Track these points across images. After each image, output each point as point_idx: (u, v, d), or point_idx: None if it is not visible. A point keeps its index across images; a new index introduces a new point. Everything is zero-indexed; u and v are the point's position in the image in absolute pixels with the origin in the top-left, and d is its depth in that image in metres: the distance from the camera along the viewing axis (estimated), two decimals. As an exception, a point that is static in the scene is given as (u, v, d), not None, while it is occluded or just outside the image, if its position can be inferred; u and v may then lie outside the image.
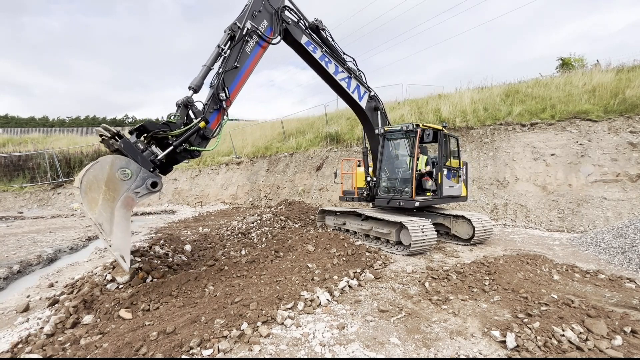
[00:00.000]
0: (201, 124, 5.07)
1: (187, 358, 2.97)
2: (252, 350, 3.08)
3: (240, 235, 8.51)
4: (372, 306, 4.06)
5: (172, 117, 5.06)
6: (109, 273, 4.92)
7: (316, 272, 5.10)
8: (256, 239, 7.99)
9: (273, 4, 6.11)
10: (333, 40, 7.18)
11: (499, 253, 6.48)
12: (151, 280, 5.03)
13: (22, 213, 17.50)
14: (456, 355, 3.00)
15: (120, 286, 4.68)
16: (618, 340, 2.99)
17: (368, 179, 7.83)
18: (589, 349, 2.92)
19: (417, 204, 6.80)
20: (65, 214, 16.44)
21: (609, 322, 3.28)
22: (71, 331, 3.65)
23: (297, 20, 6.59)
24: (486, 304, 4.03)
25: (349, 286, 4.68)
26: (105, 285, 4.66)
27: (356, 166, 9.09)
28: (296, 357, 3.01)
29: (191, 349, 3.07)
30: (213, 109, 5.45)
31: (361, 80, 7.64)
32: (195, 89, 5.21)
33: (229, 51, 5.48)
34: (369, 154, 8.17)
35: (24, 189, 20.66)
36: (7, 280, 5.95)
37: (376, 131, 7.74)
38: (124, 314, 3.94)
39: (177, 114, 5.10)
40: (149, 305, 4.18)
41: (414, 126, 7.01)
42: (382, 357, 2.98)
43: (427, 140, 6.88)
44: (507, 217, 10.23)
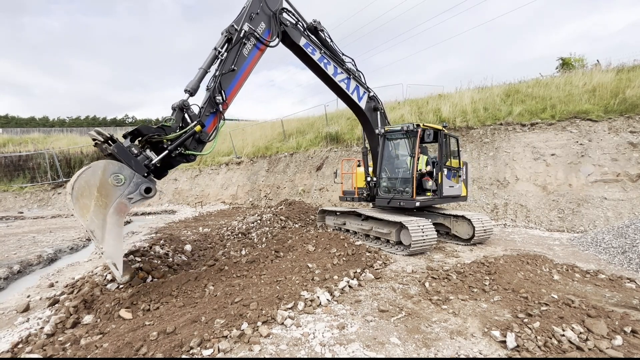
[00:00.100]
0: (197, 127, 4.99)
1: (187, 358, 2.97)
2: (252, 350, 3.08)
3: (240, 235, 8.51)
4: (372, 306, 4.06)
5: (167, 121, 4.96)
6: (110, 273, 4.93)
7: (316, 272, 5.10)
8: (256, 239, 8.00)
9: (271, 6, 6.02)
10: (332, 41, 7.12)
11: (499, 253, 6.48)
12: (151, 280, 5.04)
13: (22, 213, 17.52)
14: (456, 355, 3.00)
15: (121, 286, 4.69)
16: (618, 340, 2.99)
17: (368, 179, 7.83)
18: (589, 349, 2.92)
19: (417, 204, 6.80)
20: (66, 214, 16.45)
21: (609, 322, 3.28)
22: (71, 331, 3.66)
23: (295, 22, 6.50)
24: (486, 304, 4.03)
25: (349, 286, 4.68)
26: (106, 285, 4.67)
27: (356, 166, 9.09)
28: (296, 357, 3.01)
29: (191, 348, 3.07)
30: (209, 112, 5.36)
31: (360, 81, 7.61)
32: (192, 92, 5.12)
33: (226, 54, 5.39)
34: (368, 154, 8.16)
35: (24, 189, 20.68)
36: (8, 280, 5.95)
37: (376, 131, 7.73)
38: (124, 314, 3.94)
39: (172, 117, 4.99)
40: (149, 305, 4.18)
41: (415, 126, 7.02)
42: (382, 357, 2.98)
43: (428, 140, 6.88)
44: (507, 217, 10.23)
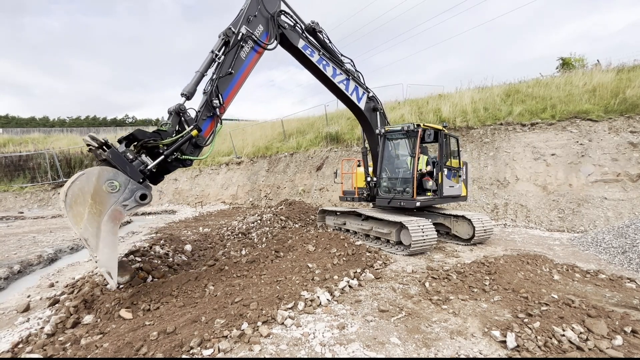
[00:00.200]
0: (193, 132, 4.90)
1: (188, 358, 2.97)
2: (253, 350, 3.08)
3: (240, 235, 8.51)
4: (372, 306, 4.06)
5: (163, 125, 4.89)
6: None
7: (316, 272, 5.10)
8: (256, 239, 8.00)
9: (269, 8, 5.95)
10: (330, 42, 7.08)
11: (499, 253, 6.48)
12: (151, 280, 5.05)
13: (22, 213, 17.53)
14: (456, 355, 3.00)
15: (121, 286, 4.69)
16: (618, 340, 2.99)
17: (368, 179, 7.84)
18: (590, 349, 2.92)
19: (418, 204, 6.80)
20: (66, 214, 16.43)
21: (610, 322, 3.28)
22: (72, 331, 3.66)
23: (293, 24, 6.44)
24: (486, 304, 4.03)
25: (349, 286, 4.68)
26: (106, 285, 4.65)
27: (356, 166, 9.09)
28: (296, 357, 3.01)
29: (191, 348, 3.07)
30: (206, 116, 5.28)
31: (359, 82, 7.58)
32: (188, 95, 5.04)
33: (223, 57, 5.31)
34: (368, 154, 8.16)
35: (24, 189, 20.69)
36: (8, 280, 5.96)
37: (376, 131, 7.72)
38: (125, 313, 3.94)
39: (168, 121, 4.93)
40: (150, 305, 4.18)
41: (415, 126, 7.02)
42: (382, 357, 2.98)
43: (428, 140, 6.87)
44: (508, 217, 10.22)
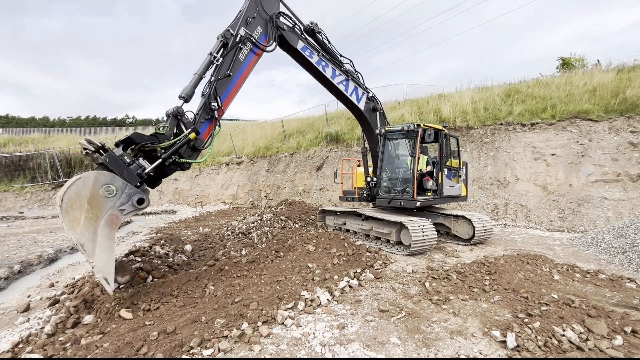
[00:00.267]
0: (191, 135, 4.87)
1: (188, 358, 2.98)
2: (253, 350, 3.08)
3: (240, 235, 8.51)
4: (372, 306, 4.06)
5: (160, 128, 4.85)
6: (110, 273, 4.92)
7: (316, 272, 5.10)
8: (256, 239, 8.00)
9: (267, 10, 5.90)
10: (329, 42, 7.04)
11: (500, 253, 6.48)
12: (152, 280, 5.05)
13: (22, 213, 17.53)
14: (456, 355, 3.01)
15: (121, 286, 4.69)
16: (618, 340, 2.99)
17: (368, 179, 7.84)
18: (590, 349, 2.92)
19: (418, 204, 6.80)
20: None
21: (610, 322, 3.28)
22: (72, 331, 3.66)
23: (292, 26, 6.39)
24: (486, 304, 4.03)
25: (350, 286, 4.68)
26: (106, 285, 4.66)
27: (356, 166, 9.09)
28: (296, 357, 3.01)
29: (192, 348, 3.08)
30: (204, 119, 5.24)
31: (359, 82, 7.54)
32: (186, 98, 5.01)
33: (221, 59, 5.27)
34: (368, 154, 8.15)
35: (24, 189, 20.69)
36: (8, 280, 5.96)
37: (377, 131, 7.72)
38: (125, 313, 3.94)
39: (166, 124, 4.89)
40: (150, 305, 4.18)
41: (415, 126, 7.02)
42: (382, 357, 2.98)
43: (429, 140, 6.87)
44: (508, 217, 10.22)
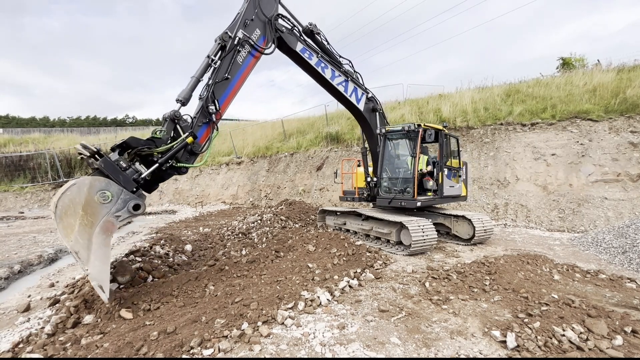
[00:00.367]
0: (189, 139, 4.81)
1: (188, 358, 2.98)
2: (253, 350, 3.08)
3: (240, 235, 8.52)
4: (372, 306, 4.06)
5: (157, 132, 4.77)
6: (110, 273, 4.92)
7: (316, 272, 5.10)
8: (257, 239, 8.00)
9: (266, 12, 5.82)
10: (328, 43, 6.98)
11: (500, 253, 6.48)
12: (152, 280, 5.05)
13: (23, 213, 17.54)
14: (456, 355, 3.01)
15: (121, 286, 4.70)
16: (618, 340, 2.99)
17: (368, 179, 7.84)
18: (590, 349, 2.92)
19: (418, 204, 6.80)
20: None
21: (610, 322, 3.28)
22: (72, 331, 3.66)
23: (291, 27, 6.33)
24: (487, 304, 4.03)
25: (350, 286, 4.68)
26: (106, 285, 4.66)
27: (356, 166, 9.08)
28: (296, 357, 3.01)
29: (192, 348, 3.08)
30: (202, 122, 5.18)
31: (358, 83, 7.50)
32: (183, 101, 4.94)
33: (219, 62, 5.21)
34: (368, 154, 8.14)
35: (24, 189, 20.70)
36: (8, 280, 5.96)
37: (377, 131, 7.71)
38: (125, 313, 3.94)
39: (163, 128, 4.80)
40: (150, 305, 4.18)
41: (416, 126, 7.02)
42: (382, 357, 2.98)
43: (429, 140, 6.87)
44: (508, 217, 10.22)
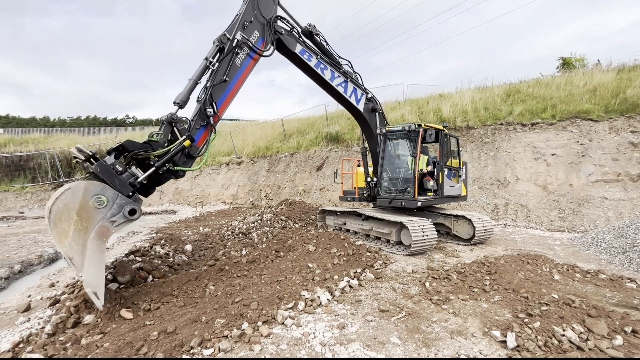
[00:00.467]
0: (186, 142, 4.75)
1: (188, 358, 2.98)
2: (253, 350, 3.08)
3: (240, 235, 8.52)
4: (372, 306, 4.06)
5: (154, 135, 4.73)
6: (110, 272, 4.93)
7: (317, 272, 5.10)
8: (257, 239, 8.00)
9: (265, 14, 5.78)
10: (327, 44, 6.94)
11: (500, 253, 6.48)
12: (152, 280, 5.06)
13: (23, 213, 17.54)
14: (456, 355, 3.01)
15: (121, 286, 4.70)
16: (619, 340, 2.99)
17: (368, 179, 7.84)
18: (590, 349, 2.92)
19: (419, 204, 6.80)
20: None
21: (610, 322, 3.28)
22: (72, 331, 3.66)
23: (290, 29, 6.30)
24: (487, 304, 4.03)
25: (350, 286, 4.68)
26: (107, 284, 4.65)
27: (356, 166, 9.08)
28: (297, 356, 3.01)
29: (192, 348, 3.08)
30: (200, 125, 5.13)
31: (357, 83, 7.47)
32: (181, 104, 4.88)
33: (217, 64, 5.16)
34: (368, 154, 8.13)
35: (25, 189, 20.71)
36: (9, 280, 5.97)
37: (377, 132, 7.71)
38: (125, 313, 3.94)
39: (160, 132, 4.76)
40: (150, 305, 4.19)
41: (417, 126, 7.02)
42: (382, 357, 2.98)
43: (430, 140, 6.87)
44: (508, 217, 10.22)
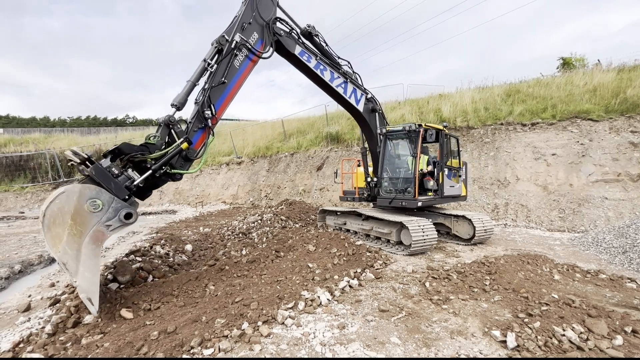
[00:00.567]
0: (184, 145, 4.68)
1: (188, 358, 2.98)
2: (253, 350, 3.08)
3: (241, 235, 8.52)
4: (372, 306, 4.06)
5: (151, 138, 4.66)
6: (110, 272, 4.93)
7: (317, 272, 5.10)
8: (257, 239, 8.00)
9: (264, 15, 5.72)
10: (327, 45, 6.90)
11: (500, 253, 6.48)
12: (152, 280, 5.06)
13: (23, 213, 17.54)
14: (457, 355, 3.01)
15: (122, 286, 4.70)
16: (619, 340, 2.99)
17: (368, 179, 7.84)
18: (590, 349, 2.92)
19: (419, 204, 6.80)
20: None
21: (610, 321, 3.28)
22: (72, 330, 3.66)
23: (289, 30, 6.22)
24: (487, 304, 4.03)
25: (350, 286, 4.68)
26: (107, 284, 4.66)
27: (356, 166, 9.09)
28: (297, 356, 3.02)
29: (192, 348, 3.08)
30: (197, 127, 5.04)
31: (357, 84, 7.43)
32: (179, 106, 4.81)
33: (216, 66, 5.10)
34: (368, 154, 8.12)
35: (25, 189, 20.71)
36: (9, 279, 5.98)
37: (377, 131, 7.71)
38: (125, 313, 3.95)
39: (157, 134, 4.70)
40: (150, 305, 4.19)
41: (417, 126, 7.02)
42: (382, 357, 2.98)
43: (430, 140, 6.88)
44: (508, 217, 10.22)
